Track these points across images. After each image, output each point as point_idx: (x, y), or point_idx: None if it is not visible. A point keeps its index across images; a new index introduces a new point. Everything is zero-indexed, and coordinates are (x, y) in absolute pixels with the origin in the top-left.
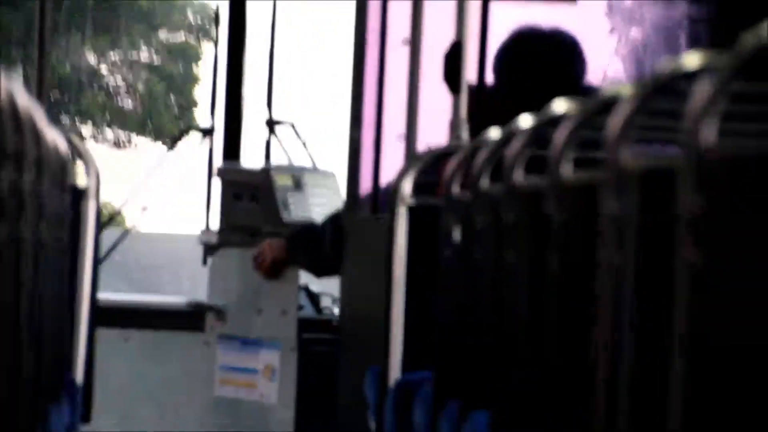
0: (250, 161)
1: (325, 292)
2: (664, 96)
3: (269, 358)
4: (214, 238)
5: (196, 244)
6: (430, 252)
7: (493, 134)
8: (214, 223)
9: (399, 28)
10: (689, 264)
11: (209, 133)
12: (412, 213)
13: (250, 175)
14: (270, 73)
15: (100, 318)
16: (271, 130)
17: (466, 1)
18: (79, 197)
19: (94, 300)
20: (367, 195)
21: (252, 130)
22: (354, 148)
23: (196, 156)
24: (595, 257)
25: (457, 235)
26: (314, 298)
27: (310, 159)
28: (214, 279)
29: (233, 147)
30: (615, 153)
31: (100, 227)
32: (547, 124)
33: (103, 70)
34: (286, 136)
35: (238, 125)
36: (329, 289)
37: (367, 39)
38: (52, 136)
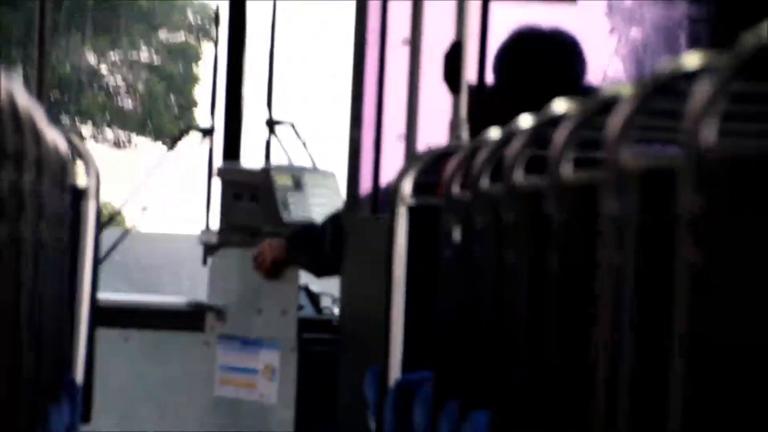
0: (250, 161)
1: (325, 292)
2: (664, 96)
3: (269, 358)
4: (214, 238)
5: (196, 244)
6: (430, 252)
7: (493, 134)
8: (215, 223)
9: (399, 28)
10: (689, 264)
11: (209, 133)
12: (412, 213)
13: (250, 175)
14: (270, 73)
15: (100, 318)
16: (271, 130)
17: (466, 1)
18: (79, 197)
19: (94, 300)
20: (367, 195)
21: (252, 130)
22: (354, 148)
23: (196, 156)
24: (595, 257)
25: (457, 235)
26: (314, 298)
27: (310, 159)
28: (214, 279)
29: (233, 147)
30: (615, 153)
31: (100, 227)
32: (547, 124)
33: (103, 70)
34: (286, 136)
35: (238, 125)
36: (329, 289)
37: (367, 39)
38: (52, 136)
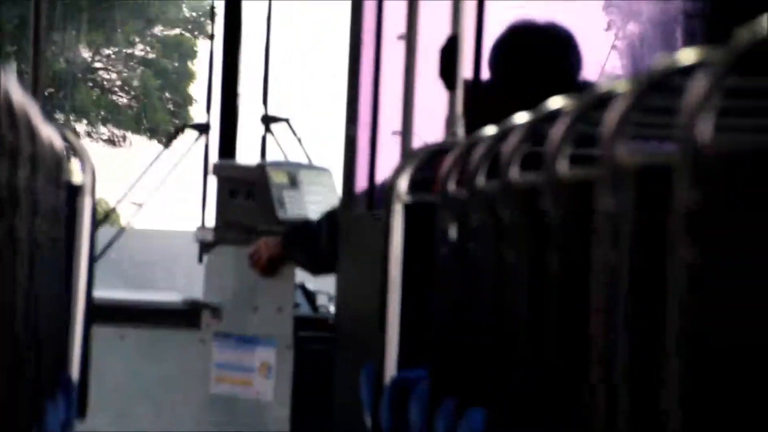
0: (245, 158)
1: (321, 291)
2: (660, 92)
3: (265, 355)
4: (210, 236)
5: (191, 242)
6: (427, 249)
7: (489, 131)
8: (210, 220)
9: (395, 24)
10: (685, 260)
11: (205, 129)
12: (408, 210)
13: (245, 172)
14: (266, 70)
15: (95, 315)
16: (267, 127)
17: None
18: (74, 194)
19: (89, 297)
20: (363, 192)
21: (248, 126)
22: (350, 144)
23: (191, 153)
24: (591, 254)
25: (453, 232)
26: (310, 296)
27: (306, 155)
28: (210, 276)
29: (229, 143)
30: (611, 149)
31: (95, 224)
32: (543, 120)
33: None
34: (281, 133)
35: (233, 122)
36: (325, 287)
37: (362, 35)
38: (48, 132)
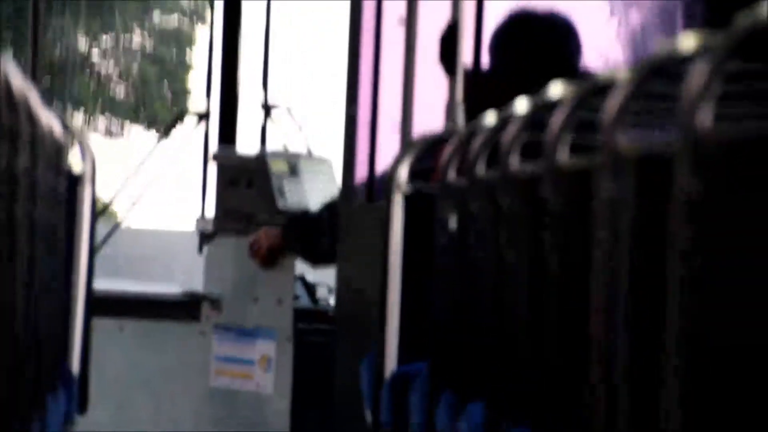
0: (245, 146)
1: (321, 283)
2: (661, 79)
3: (265, 348)
4: (210, 226)
5: (190, 234)
6: (427, 239)
7: (489, 119)
8: (211, 211)
9: (395, 11)
10: (686, 249)
11: (205, 117)
12: (408, 200)
13: (245, 161)
14: (265, 57)
15: (95, 307)
16: (267, 114)
17: None
18: (74, 183)
19: (89, 288)
20: (363, 182)
21: (247, 114)
22: (350, 131)
23: (190, 143)
24: (591, 242)
25: (453, 222)
26: (310, 288)
27: (306, 144)
28: (210, 268)
29: (229, 131)
30: (611, 137)
31: (95, 214)
32: (543, 108)
33: (95, 55)
34: (281, 121)
35: (233, 109)
36: (325, 279)
37: (362, 22)
38: (48, 118)
